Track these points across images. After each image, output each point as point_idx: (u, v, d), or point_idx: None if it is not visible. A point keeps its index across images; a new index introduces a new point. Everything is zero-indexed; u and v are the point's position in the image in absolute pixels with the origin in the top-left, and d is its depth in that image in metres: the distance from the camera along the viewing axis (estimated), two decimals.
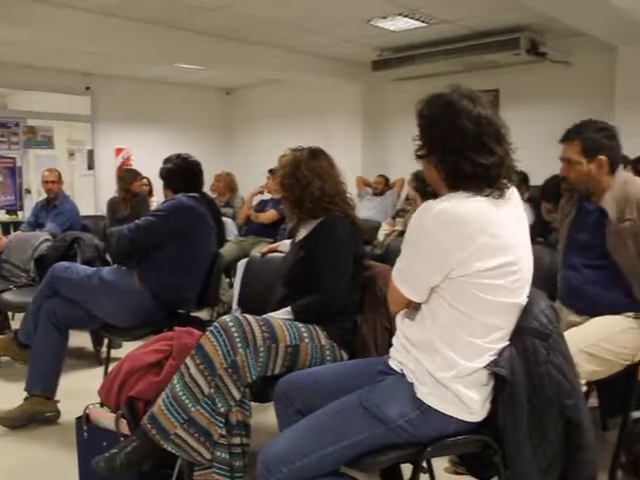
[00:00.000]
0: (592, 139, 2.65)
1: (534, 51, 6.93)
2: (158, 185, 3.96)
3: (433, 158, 1.88)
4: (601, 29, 6.17)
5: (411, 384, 1.86)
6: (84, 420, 2.71)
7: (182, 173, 3.61)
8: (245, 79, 10.00)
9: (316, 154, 2.80)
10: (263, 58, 7.74)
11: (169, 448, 2.26)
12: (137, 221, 3.47)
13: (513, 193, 1.90)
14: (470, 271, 1.76)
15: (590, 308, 2.66)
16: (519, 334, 1.85)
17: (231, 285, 5.72)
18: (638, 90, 6.55)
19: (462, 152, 1.80)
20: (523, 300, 1.88)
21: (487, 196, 1.80)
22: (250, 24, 6.66)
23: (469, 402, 1.83)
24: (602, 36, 6.41)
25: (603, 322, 2.58)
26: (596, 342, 2.49)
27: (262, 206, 6.68)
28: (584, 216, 2.78)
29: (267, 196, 6.82)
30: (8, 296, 4.56)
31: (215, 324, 2.34)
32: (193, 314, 3.70)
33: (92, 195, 9.27)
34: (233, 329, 2.31)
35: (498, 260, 1.77)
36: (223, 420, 2.29)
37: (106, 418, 2.62)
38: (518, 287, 1.84)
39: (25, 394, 3.43)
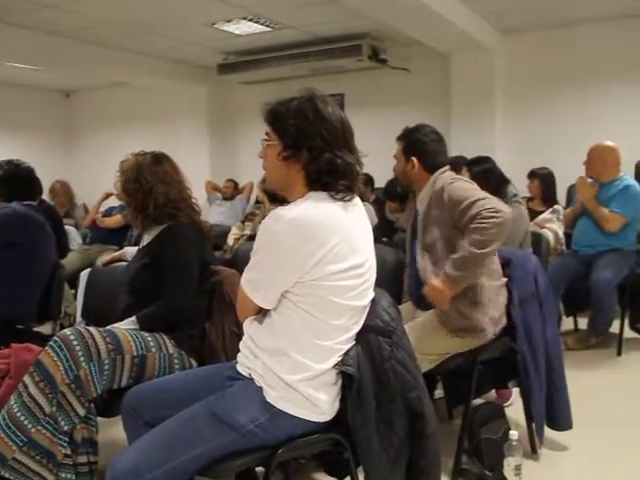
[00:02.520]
0: (412, 141, 2.86)
1: (375, 57, 7.19)
2: None
3: (302, 158, 1.87)
4: (435, 39, 6.52)
5: (260, 388, 1.86)
6: None
7: (14, 180, 3.42)
8: (86, 81, 9.60)
9: (159, 159, 2.74)
10: (104, 59, 7.46)
11: (7, 475, 2.13)
12: None
13: (357, 199, 1.95)
14: (322, 274, 1.79)
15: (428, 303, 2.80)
16: (364, 332, 1.91)
17: (76, 297, 5.47)
18: (470, 96, 6.99)
19: (333, 150, 1.84)
20: (369, 302, 1.94)
21: (339, 200, 1.84)
22: (90, 23, 6.41)
23: (319, 403, 1.86)
24: (437, 45, 6.77)
25: (417, 325, 2.73)
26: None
27: (109, 212, 6.46)
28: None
29: (118, 203, 6.58)
30: None
31: (55, 338, 2.23)
32: (35, 329, 3.49)
33: None
34: (75, 342, 2.21)
35: (349, 262, 1.81)
36: (67, 439, 2.19)
37: None
38: (365, 289, 1.90)
39: None
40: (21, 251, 3.21)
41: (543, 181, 5.40)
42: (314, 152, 1.86)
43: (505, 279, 2.82)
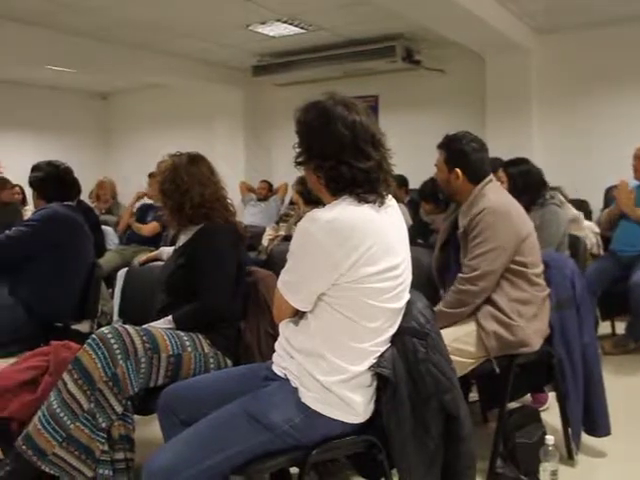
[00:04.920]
0: (455, 152, 2.82)
1: (409, 59, 7.17)
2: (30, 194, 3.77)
3: (312, 164, 1.90)
4: (470, 39, 6.48)
5: (295, 389, 1.87)
6: None
7: (54, 181, 3.47)
8: (122, 83, 9.74)
9: (195, 160, 2.77)
10: (140, 62, 7.56)
11: (47, 469, 2.16)
12: (7, 232, 3.30)
13: (392, 200, 1.95)
14: (357, 276, 1.79)
15: None
16: (399, 334, 1.91)
17: (113, 296, 5.53)
18: (505, 97, 6.92)
19: (339, 157, 1.84)
20: (404, 304, 1.94)
21: (369, 203, 1.84)
22: (125, 26, 6.50)
23: (354, 405, 1.86)
24: (471, 46, 6.72)
25: (455, 329, 2.71)
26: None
27: (143, 212, 6.49)
28: None
29: (149, 202, 6.64)
30: None
31: (93, 336, 2.26)
32: (73, 327, 3.55)
33: None
34: (112, 341, 2.24)
35: (384, 264, 1.81)
36: (105, 435, 2.22)
37: None
38: (400, 291, 1.90)
39: None
40: (61, 251, 3.28)
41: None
42: (316, 160, 1.89)
43: (548, 289, 2.79)
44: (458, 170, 2.80)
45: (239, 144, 8.98)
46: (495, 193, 2.78)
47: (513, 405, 3.02)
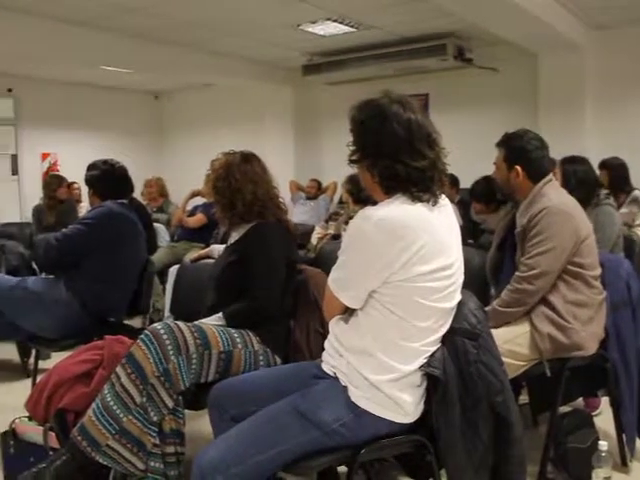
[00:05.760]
0: (515, 149, 2.78)
1: (461, 57, 7.09)
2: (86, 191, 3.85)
3: (366, 163, 1.90)
4: (522, 37, 6.37)
5: (345, 387, 1.87)
6: (10, 435, 2.61)
7: (109, 179, 3.54)
8: (174, 83, 9.87)
9: (248, 158, 2.79)
10: (191, 62, 7.65)
11: (101, 460, 2.21)
12: (64, 230, 3.38)
13: (445, 200, 1.94)
14: (409, 275, 1.78)
15: None
16: (450, 335, 1.90)
17: (164, 292, 5.63)
18: (558, 95, 6.79)
19: (394, 156, 1.83)
20: (456, 304, 1.92)
21: (423, 202, 1.83)
22: (177, 27, 6.59)
23: (403, 404, 1.85)
24: (524, 43, 6.61)
25: (508, 330, 2.67)
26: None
27: (194, 210, 6.60)
28: None
29: (203, 200, 6.74)
30: None
31: (146, 332, 2.30)
32: (125, 322, 3.62)
33: (17, 202, 8.95)
34: (165, 336, 2.28)
35: (436, 263, 1.81)
36: (156, 429, 2.25)
37: (34, 432, 2.54)
38: (452, 291, 1.89)
39: None
40: (115, 248, 3.35)
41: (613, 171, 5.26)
42: (371, 159, 1.88)
43: (605, 293, 2.73)
44: (518, 168, 2.75)
45: (289, 143, 9.02)
46: (556, 192, 2.73)
47: (565, 409, 2.97)
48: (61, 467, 2.21)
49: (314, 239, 5.94)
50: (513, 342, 2.58)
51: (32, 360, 4.03)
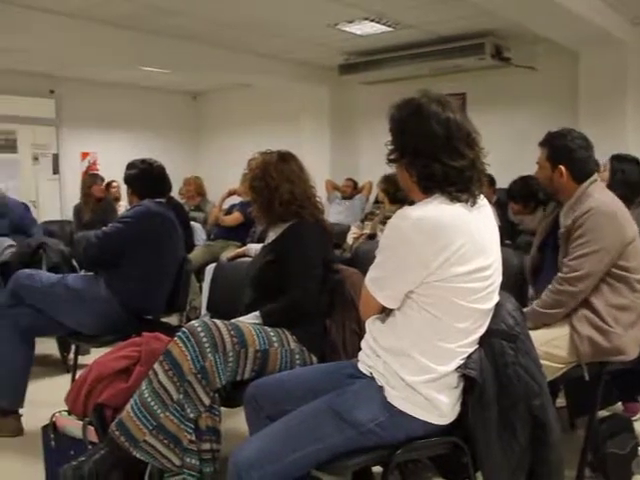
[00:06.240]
0: (559, 148, 2.73)
1: (498, 56, 7.01)
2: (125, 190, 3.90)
3: (405, 162, 1.89)
4: (562, 35, 6.27)
5: (381, 387, 1.87)
6: (51, 428, 2.66)
7: (147, 178, 3.58)
8: (212, 83, 9.95)
9: (286, 158, 2.80)
10: (229, 62, 7.70)
11: (138, 455, 2.24)
12: (104, 228, 3.43)
13: (483, 200, 1.92)
14: (447, 276, 1.78)
15: None
16: (487, 336, 1.88)
17: (201, 290, 5.68)
18: (599, 94, 6.67)
19: (433, 155, 1.82)
20: (493, 305, 1.91)
21: (461, 202, 1.82)
22: (214, 27, 6.63)
23: (440, 405, 1.85)
24: (564, 41, 6.51)
25: (547, 331, 2.64)
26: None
27: (231, 209, 6.65)
28: None
29: (239, 199, 6.78)
30: None
31: (183, 329, 2.33)
32: (162, 320, 3.66)
33: (58, 200, 9.12)
34: (202, 334, 2.30)
35: (474, 264, 1.79)
36: (192, 426, 2.28)
37: (73, 426, 2.59)
38: (490, 292, 1.87)
39: None
40: (153, 246, 3.38)
41: None
42: (409, 158, 1.88)
43: None
44: (562, 167, 2.71)
45: (325, 142, 9.02)
46: (601, 193, 2.69)
47: (603, 413, 2.92)
48: (99, 461, 2.25)
49: (350, 239, 5.93)
50: (551, 344, 2.54)
51: (72, 355, 4.10)
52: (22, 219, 5.64)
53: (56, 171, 9.27)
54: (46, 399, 3.31)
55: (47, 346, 4.49)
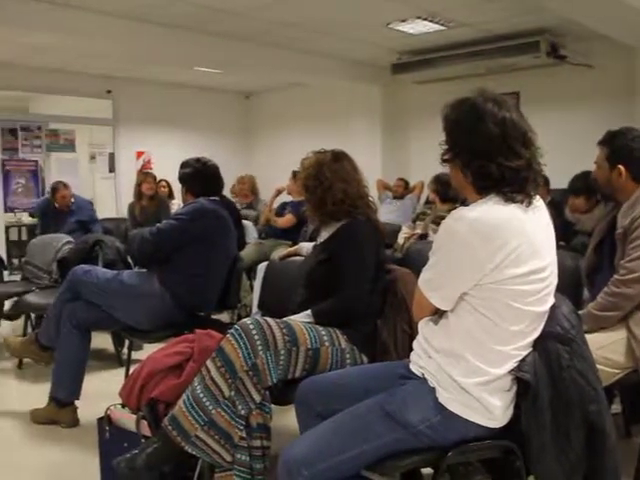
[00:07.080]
0: (618, 147, 2.68)
1: (554, 54, 6.88)
2: (179, 187, 3.96)
3: (459, 162, 1.88)
4: (619, 30, 6.11)
5: (432, 389, 1.86)
6: (106, 421, 2.72)
7: (202, 177, 3.63)
8: (264, 83, 10.02)
9: (339, 157, 2.80)
10: (281, 61, 7.74)
11: (190, 450, 2.27)
12: (159, 225, 3.49)
13: (539, 201, 1.89)
14: (502, 277, 1.76)
15: None
16: (542, 339, 1.85)
17: (252, 288, 5.73)
18: None
19: (488, 155, 1.80)
20: (549, 308, 1.88)
21: (517, 203, 1.80)
22: (268, 27, 6.67)
23: (492, 408, 1.82)
24: (621, 37, 6.35)
25: (604, 335, 2.58)
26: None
27: (282, 209, 6.68)
28: None
29: (288, 198, 6.82)
30: (31, 298, 4.62)
31: (236, 326, 2.34)
32: (214, 317, 3.70)
33: (113, 198, 9.33)
34: (254, 332, 2.31)
35: (530, 266, 1.77)
36: (243, 422, 2.29)
37: (127, 419, 2.64)
38: (545, 295, 1.84)
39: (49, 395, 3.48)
40: (207, 244, 3.42)
41: None
42: (464, 158, 1.86)
43: None
44: (621, 167, 2.66)
45: (376, 141, 9.00)
46: None
47: None
48: (152, 454, 2.28)
49: (401, 239, 5.91)
50: (608, 348, 2.49)
51: (125, 350, 4.18)
52: (89, 217, 5.94)
53: (112, 169, 9.47)
54: (101, 392, 3.39)
55: (102, 341, 4.59)
